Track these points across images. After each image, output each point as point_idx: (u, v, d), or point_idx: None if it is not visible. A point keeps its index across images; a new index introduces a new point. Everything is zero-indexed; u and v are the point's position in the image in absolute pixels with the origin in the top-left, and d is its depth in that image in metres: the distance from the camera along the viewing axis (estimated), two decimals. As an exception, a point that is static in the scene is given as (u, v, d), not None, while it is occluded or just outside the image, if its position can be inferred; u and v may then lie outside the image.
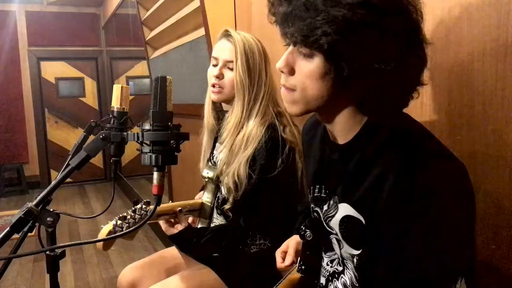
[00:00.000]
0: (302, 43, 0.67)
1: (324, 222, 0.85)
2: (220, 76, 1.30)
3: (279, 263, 1.08)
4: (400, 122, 0.75)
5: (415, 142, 0.71)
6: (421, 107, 0.99)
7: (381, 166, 0.71)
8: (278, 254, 1.11)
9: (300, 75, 0.71)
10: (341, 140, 0.79)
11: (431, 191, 0.65)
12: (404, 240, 0.67)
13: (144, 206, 1.22)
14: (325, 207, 0.84)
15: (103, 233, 1.17)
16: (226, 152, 1.30)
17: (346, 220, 0.78)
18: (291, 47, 0.72)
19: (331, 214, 0.82)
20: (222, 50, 1.31)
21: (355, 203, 0.75)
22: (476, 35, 0.86)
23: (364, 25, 0.62)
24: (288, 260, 1.06)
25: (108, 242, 1.22)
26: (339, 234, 0.81)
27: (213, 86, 1.32)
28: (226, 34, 1.31)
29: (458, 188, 0.67)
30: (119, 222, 1.17)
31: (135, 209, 1.21)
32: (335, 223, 0.81)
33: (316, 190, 0.88)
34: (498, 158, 0.84)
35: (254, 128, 1.26)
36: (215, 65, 1.33)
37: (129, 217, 1.19)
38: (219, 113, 1.42)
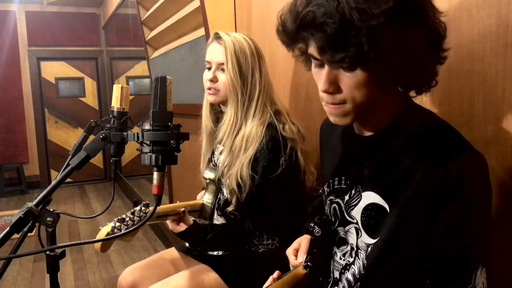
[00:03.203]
0: (353, 64, 0.66)
1: (345, 212, 0.87)
2: (214, 80, 1.32)
3: (293, 261, 1.09)
4: (427, 116, 0.80)
5: (443, 134, 0.75)
6: (421, 107, 0.99)
7: (411, 157, 0.74)
8: (290, 252, 1.11)
9: (347, 89, 0.72)
10: (368, 132, 0.83)
11: (464, 181, 0.68)
12: (431, 227, 0.71)
13: (143, 208, 1.22)
14: (347, 197, 0.87)
15: (101, 235, 1.17)
16: (227, 153, 1.30)
17: (370, 208, 0.81)
18: (327, 67, 0.71)
19: (353, 203, 0.84)
20: (214, 53, 1.32)
21: (382, 191, 0.78)
22: (476, 35, 0.86)
23: (403, 24, 0.64)
24: (301, 257, 1.06)
25: (106, 243, 1.22)
26: (359, 222, 0.83)
27: (209, 89, 1.33)
28: (217, 37, 1.31)
29: (485, 179, 0.71)
30: (117, 224, 1.17)
31: (134, 211, 1.22)
32: (357, 211, 0.83)
33: (336, 182, 0.90)
34: (498, 157, 0.84)
35: (253, 129, 1.26)
36: (209, 68, 1.34)
37: (127, 219, 1.19)
38: (218, 114, 1.42)
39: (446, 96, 0.94)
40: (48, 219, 0.84)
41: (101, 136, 0.84)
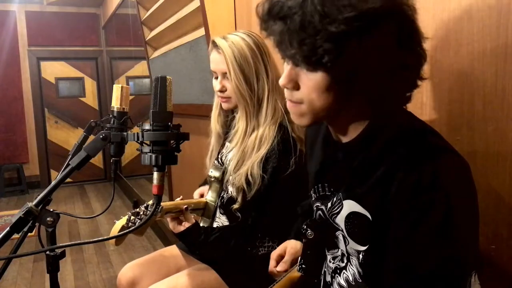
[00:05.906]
0: (304, 63, 0.66)
1: (329, 219, 0.86)
2: (223, 89, 1.32)
3: (272, 267, 1.08)
4: (404, 120, 0.77)
5: (420, 138, 0.72)
6: (421, 107, 0.99)
7: (387, 163, 0.72)
8: (274, 256, 1.10)
9: (306, 89, 0.71)
10: (345, 139, 0.80)
11: (439, 185, 0.65)
12: (414, 235, 0.67)
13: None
14: (329, 205, 0.85)
15: (116, 227, 1.20)
16: (237, 153, 1.30)
17: (352, 217, 0.79)
18: (291, 63, 0.71)
19: (335, 211, 0.83)
20: (216, 63, 1.31)
21: (361, 199, 0.76)
22: (476, 35, 0.86)
23: (363, 36, 0.62)
24: (281, 267, 1.05)
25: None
26: (344, 230, 0.81)
27: (221, 97, 1.34)
28: (214, 45, 1.31)
29: (464, 182, 0.68)
30: (132, 217, 1.20)
31: (147, 205, 1.25)
32: (340, 220, 0.82)
33: (320, 189, 0.88)
34: (498, 157, 0.84)
35: (266, 129, 1.26)
36: (216, 78, 1.34)
37: (141, 213, 1.22)
38: (228, 117, 1.43)
39: (446, 95, 0.94)
40: (48, 219, 0.84)
41: (101, 136, 0.84)
